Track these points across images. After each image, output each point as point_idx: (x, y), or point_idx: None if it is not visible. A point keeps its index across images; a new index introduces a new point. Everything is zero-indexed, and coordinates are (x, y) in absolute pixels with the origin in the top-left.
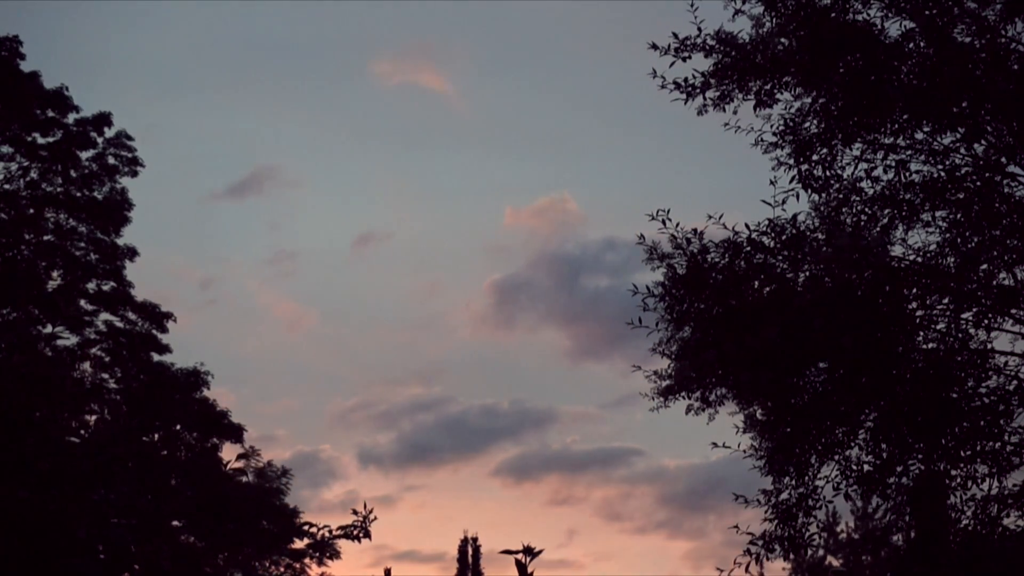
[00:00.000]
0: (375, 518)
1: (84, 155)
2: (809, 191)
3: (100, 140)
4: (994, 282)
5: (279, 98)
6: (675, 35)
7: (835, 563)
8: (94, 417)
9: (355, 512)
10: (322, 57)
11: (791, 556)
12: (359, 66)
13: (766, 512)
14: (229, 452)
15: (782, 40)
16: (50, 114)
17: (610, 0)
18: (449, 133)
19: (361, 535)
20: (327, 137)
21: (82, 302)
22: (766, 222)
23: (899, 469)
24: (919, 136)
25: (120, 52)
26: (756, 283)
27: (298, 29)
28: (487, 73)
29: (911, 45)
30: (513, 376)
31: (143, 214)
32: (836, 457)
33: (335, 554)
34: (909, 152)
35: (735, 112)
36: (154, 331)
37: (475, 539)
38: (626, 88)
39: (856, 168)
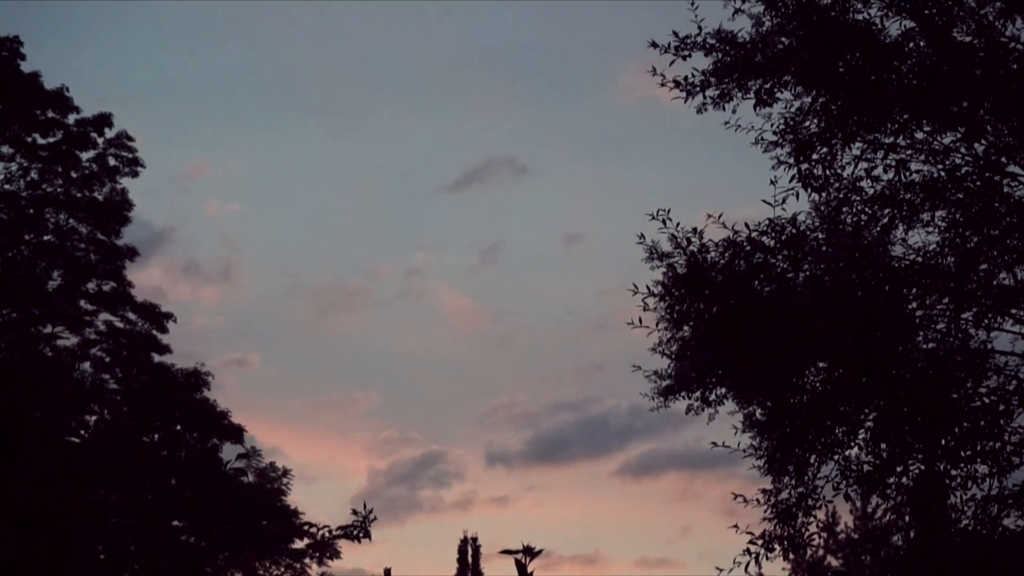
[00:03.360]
0: (375, 518)
1: (84, 156)
2: (809, 191)
3: (100, 140)
4: (994, 282)
5: (517, 99)
6: (675, 34)
7: (835, 563)
8: (94, 417)
9: (355, 512)
10: (570, 62)
11: (790, 556)
12: (605, 74)
13: (766, 512)
14: (230, 453)
15: (782, 39)
16: (50, 114)
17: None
18: (671, 143)
19: (361, 535)
20: (558, 141)
21: (82, 302)
22: (766, 221)
23: (899, 469)
24: (919, 136)
25: (372, 54)
26: (756, 283)
27: (548, 33)
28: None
29: (911, 44)
30: None
31: (370, 206)
32: (836, 457)
33: (335, 554)
34: (909, 152)
35: (734, 111)
36: (154, 331)
37: (475, 539)
38: None
39: (856, 168)
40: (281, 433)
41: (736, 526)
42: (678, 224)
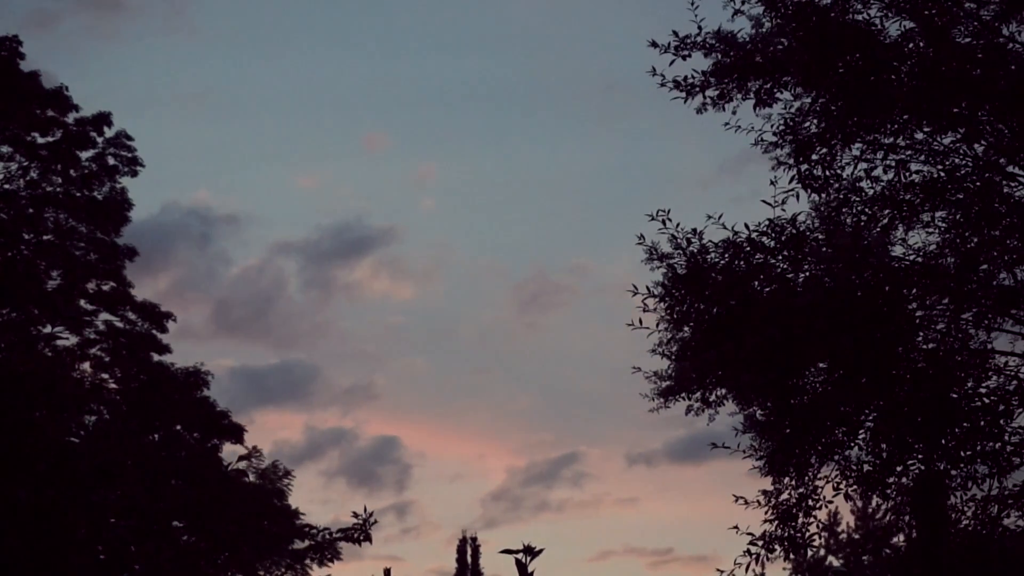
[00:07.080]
0: (375, 521)
1: (84, 155)
2: (809, 191)
3: (100, 140)
4: (994, 282)
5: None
6: (675, 33)
7: (835, 563)
8: (94, 417)
9: (355, 515)
10: None
11: (791, 556)
12: None
13: (766, 512)
14: (232, 454)
15: (781, 40)
16: (50, 113)
17: None
18: None
19: (361, 538)
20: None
21: (82, 302)
22: (767, 222)
23: (899, 469)
24: (919, 136)
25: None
26: (756, 283)
27: None
28: None
29: (911, 45)
30: None
31: (601, 204)
32: (836, 457)
33: (336, 555)
34: (909, 152)
35: (734, 112)
36: (154, 331)
37: (474, 539)
38: None
39: (856, 168)
40: (433, 434)
41: (736, 527)
42: (678, 225)
